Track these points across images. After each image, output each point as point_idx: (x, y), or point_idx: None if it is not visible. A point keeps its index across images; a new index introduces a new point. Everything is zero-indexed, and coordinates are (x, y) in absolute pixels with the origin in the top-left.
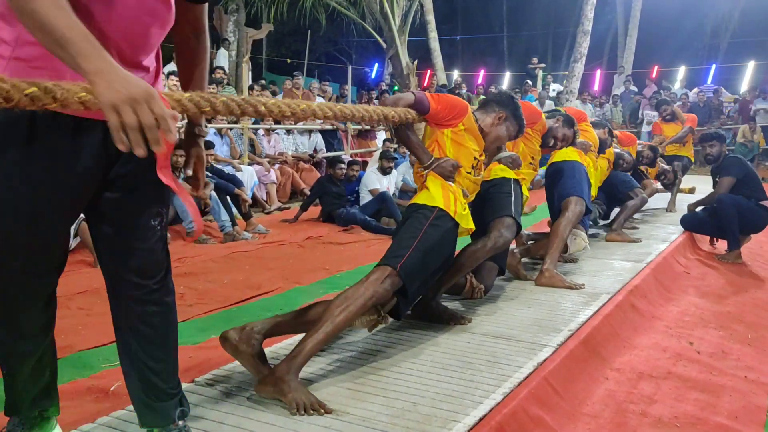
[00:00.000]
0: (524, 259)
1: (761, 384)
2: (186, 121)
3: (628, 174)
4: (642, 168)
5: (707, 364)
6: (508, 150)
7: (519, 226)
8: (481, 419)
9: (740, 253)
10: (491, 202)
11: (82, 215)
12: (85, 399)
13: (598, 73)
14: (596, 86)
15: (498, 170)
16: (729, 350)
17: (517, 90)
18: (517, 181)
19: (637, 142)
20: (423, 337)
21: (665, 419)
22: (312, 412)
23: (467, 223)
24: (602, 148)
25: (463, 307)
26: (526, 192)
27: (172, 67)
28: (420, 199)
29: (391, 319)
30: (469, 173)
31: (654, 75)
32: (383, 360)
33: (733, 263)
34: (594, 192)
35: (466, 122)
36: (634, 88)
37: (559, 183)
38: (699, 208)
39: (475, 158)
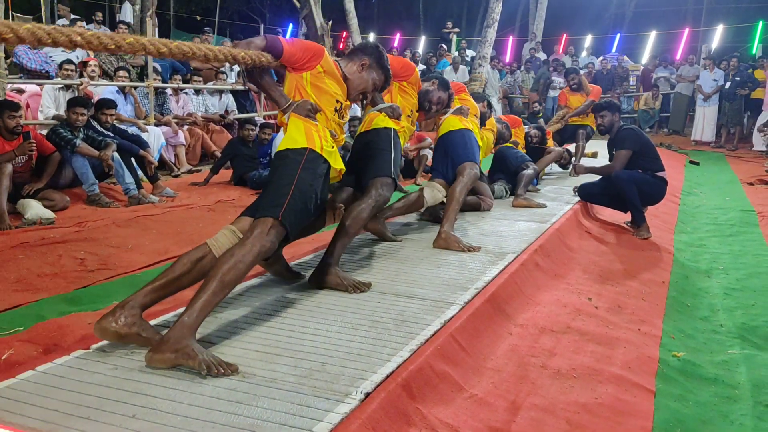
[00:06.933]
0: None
1: (653, 336)
2: (85, 77)
3: (522, 151)
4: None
5: (604, 318)
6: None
7: (396, 183)
8: (388, 376)
9: (648, 226)
10: (370, 160)
11: None
12: None
13: (511, 39)
14: (508, 52)
15: (378, 120)
16: (624, 305)
17: (431, 54)
18: (396, 132)
19: (523, 125)
20: (332, 298)
21: (564, 371)
22: (218, 373)
23: (336, 162)
24: (482, 120)
25: (372, 268)
26: (403, 143)
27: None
28: (284, 145)
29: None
30: (334, 116)
31: (563, 43)
32: (291, 321)
33: (645, 237)
34: (482, 156)
35: (324, 64)
36: (542, 55)
37: (451, 151)
38: (597, 178)
39: (338, 101)
